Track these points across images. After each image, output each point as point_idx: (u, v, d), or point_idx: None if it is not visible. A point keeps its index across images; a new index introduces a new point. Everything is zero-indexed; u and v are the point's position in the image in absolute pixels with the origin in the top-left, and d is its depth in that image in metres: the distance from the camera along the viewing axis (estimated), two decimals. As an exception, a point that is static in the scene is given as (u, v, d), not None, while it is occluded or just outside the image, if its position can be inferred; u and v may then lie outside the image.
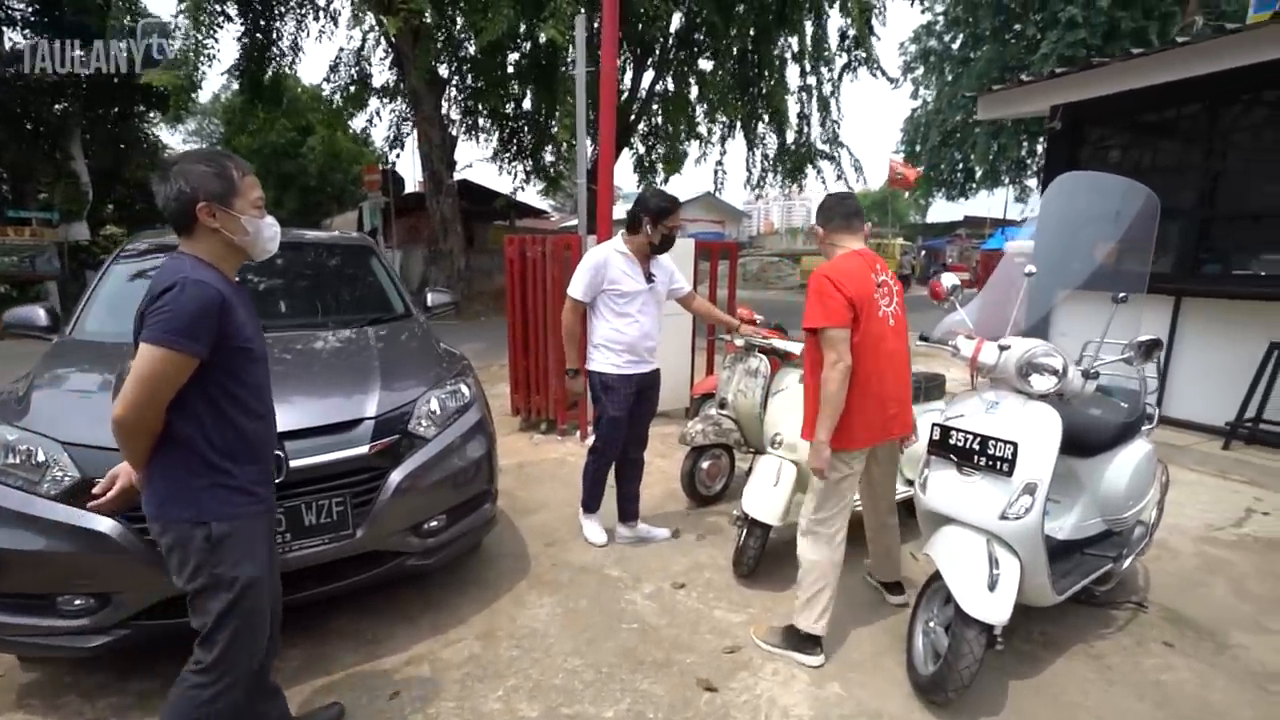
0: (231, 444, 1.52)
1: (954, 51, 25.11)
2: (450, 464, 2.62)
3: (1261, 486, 4.20)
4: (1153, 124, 5.40)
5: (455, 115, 16.20)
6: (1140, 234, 2.18)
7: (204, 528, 1.49)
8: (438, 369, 2.89)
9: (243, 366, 1.52)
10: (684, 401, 5.65)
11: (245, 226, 1.52)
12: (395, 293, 3.74)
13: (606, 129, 4.78)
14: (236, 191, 1.50)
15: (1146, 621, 2.63)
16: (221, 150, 1.62)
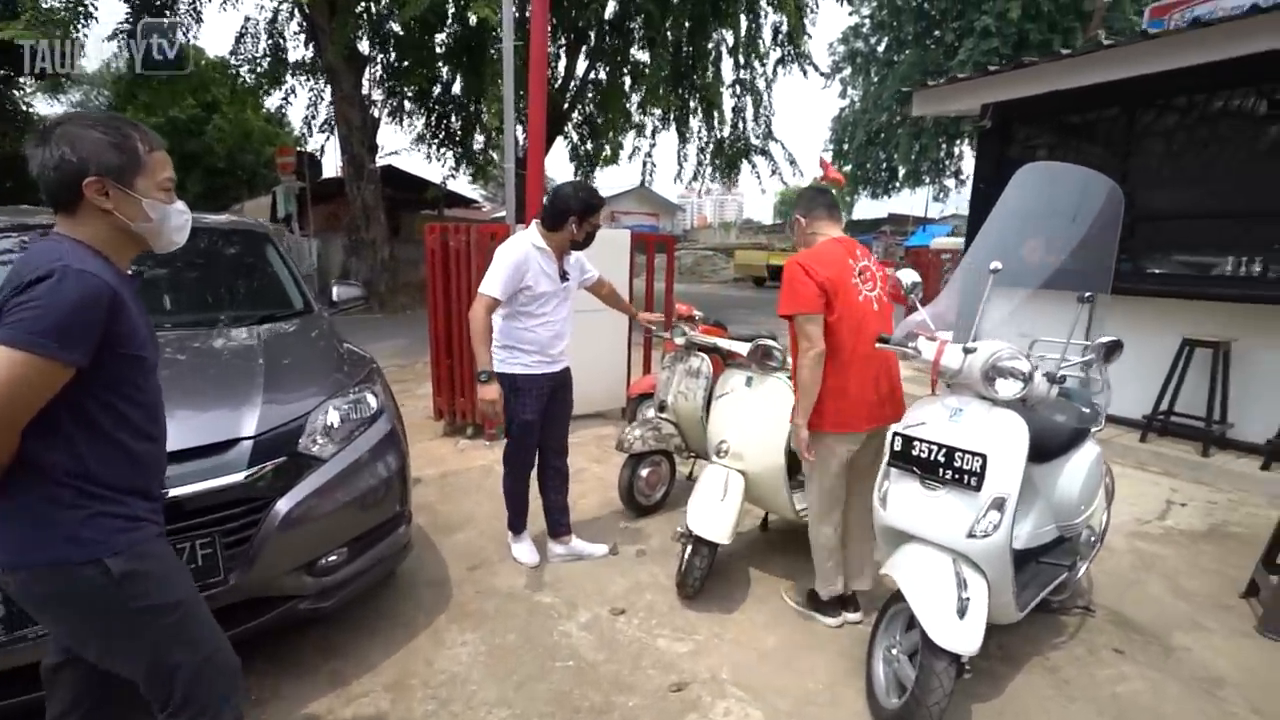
0: (115, 474, 1.23)
1: (879, 54, 25.90)
2: (352, 487, 2.26)
3: (1175, 477, 4.36)
4: (1076, 125, 5.55)
5: (378, 96, 15.29)
6: (1103, 229, 2.08)
7: (95, 566, 1.18)
8: (338, 375, 2.50)
9: (133, 380, 1.24)
10: (620, 402, 5.39)
11: (147, 212, 1.24)
12: (294, 286, 3.28)
13: (536, 113, 4.44)
14: (140, 168, 1.23)
15: (1095, 627, 2.58)
16: (124, 117, 1.29)
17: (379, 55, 14.49)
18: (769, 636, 2.51)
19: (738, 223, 51.87)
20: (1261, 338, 4.40)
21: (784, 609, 2.70)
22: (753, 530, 3.43)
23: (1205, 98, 4.72)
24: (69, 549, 1.17)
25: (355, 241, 14.73)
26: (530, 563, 3.03)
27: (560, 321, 2.84)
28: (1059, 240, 2.12)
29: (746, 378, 2.89)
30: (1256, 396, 4.38)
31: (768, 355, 2.83)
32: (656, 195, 37.53)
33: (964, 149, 26.30)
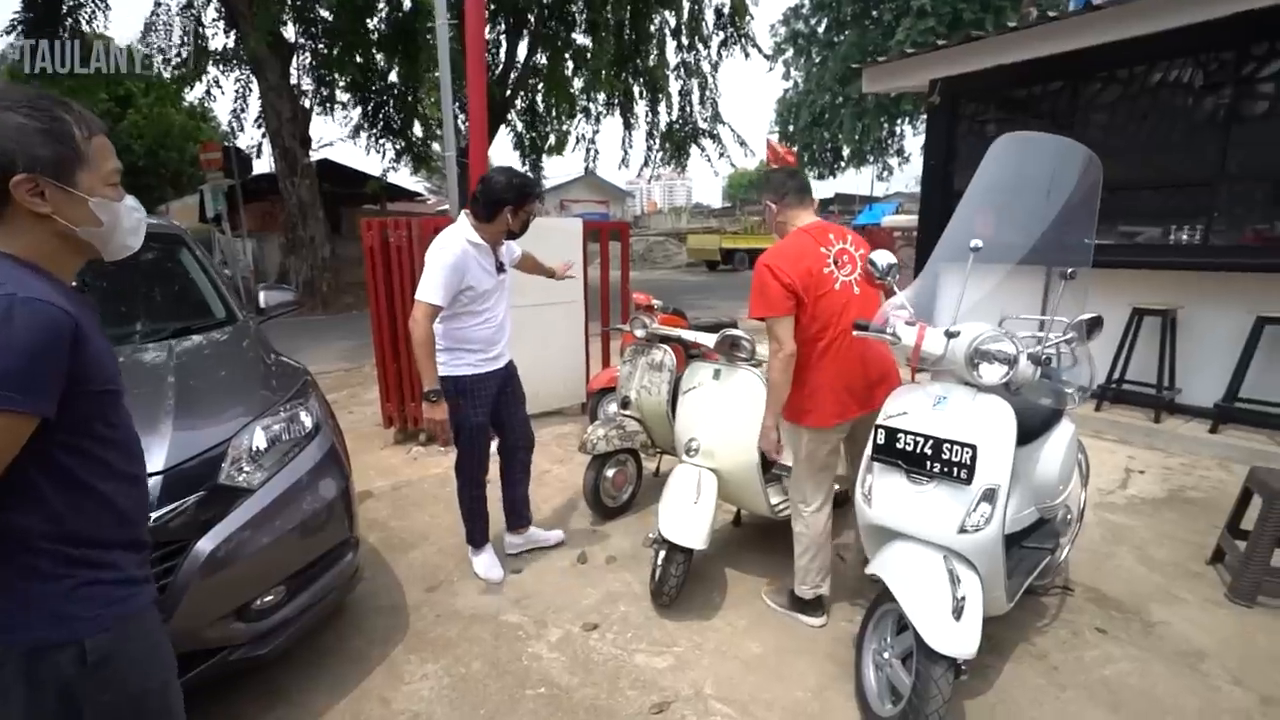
0: (98, 528, 1.04)
1: (819, 35, 26.07)
2: (288, 517, 2.02)
3: (1130, 444, 4.45)
4: (1023, 99, 5.58)
5: (308, 86, 14.49)
6: (1083, 201, 2.01)
7: (71, 649, 0.98)
8: (264, 391, 2.24)
9: (106, 416, 1.03)
10: (580, 397, 5.20)
11: (95, 213, 1.01)
12: (215, 293, 2.96)
13: (476, 100, 4.16)
14: (80, 159, 0.98)
15: (1075, 606, 2.55)
16: (51, 94, 1.01)
17: (307, 43, 13.72)
18: (751, 643, 2.39)
19: (688, 207, 51.89)
20: (1205, 304, 4.52)
21: (765, 611, 2.58)
22: (725, 525, 3.31)
23: (1145, 69, 4.78)
24: (49, 629, 0.98)
25: (293, 240, 14.01)
26: (494, 578, 2.85)
27: (501, 315, 2.72)
28: (1037, 214, 2.03)
29: (714, 370, 2.75)
30: (1203, 361, 4.50)
31: (735, 346, 2.68)
32: (605, 182, 37.17)
33: (905, 128, 26.87)
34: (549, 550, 3.10)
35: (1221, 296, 4.44)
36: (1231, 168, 4.46)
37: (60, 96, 1.01)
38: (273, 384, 2.31)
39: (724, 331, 2.73)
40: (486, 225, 2.58)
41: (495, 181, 2.55)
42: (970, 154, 5.92)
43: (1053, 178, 2.04)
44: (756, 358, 2.69)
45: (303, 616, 2.08)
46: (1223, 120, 4.45)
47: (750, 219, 28.39)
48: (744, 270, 24.14)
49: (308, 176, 13.57)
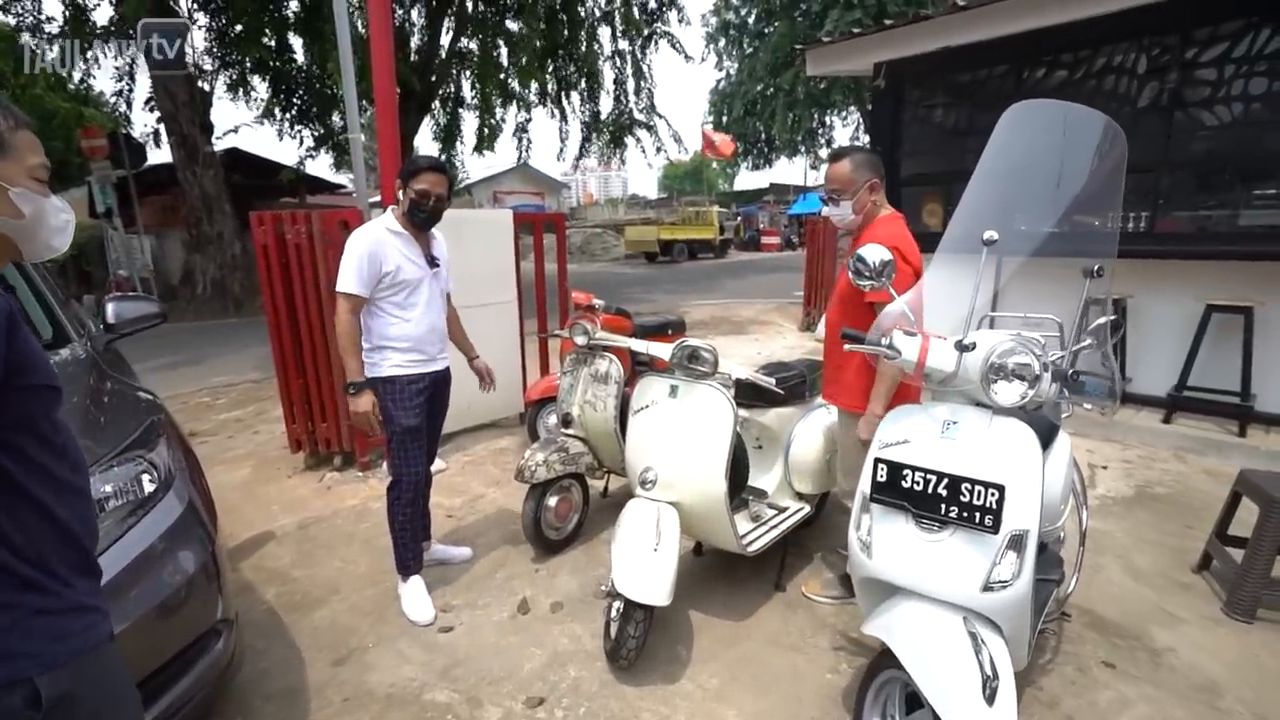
0: (46, 547, 0.92)
1: (750, 25, 26.07)
2: (122, 611, 1.51)
3: (1088, 436, 4.36)
4: (967, 84, 5.44)
5: (209, 66, 13.19)
6: (1106, 180, 1.73)
7: (22, 688, 0.87)
8: (88, 441, 1.70)
9: (45, 415, 0.93)
10: (517, 407, 4.73)
11: (17, 206, 0.94)
12: (40, 308, 2.35)
13: (383, 82, 3.59)
14: (3, 150, 0.93)
15: (1075, 635, 2.32)
16: None
17: (203, 18, 12.47)
18: (726, 709, 2.03)
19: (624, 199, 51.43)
20: (1152, 294, 4.47)
21: (741, 664, 2.23)
22: (685, 555, 2.93)
23: (1089, 54, 4.69)
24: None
25: (197, 237, 12.82)
26: (424, 620, 2.51)
27: (435, 313, 2.54)
28: (1051, 198, 1.73)
29: (670, 386, 2.36)
30: (1153, 351, 4.46)
31: (694, 358, 2.30)
32: (539, 173, 36.26)
33: (834, 120, 27.32)
34: (485, 599, 2.66)
35: (1168, 285, 4.41)
36: (1174, 154, 4.43)
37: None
38: (99, 430, 1.77)
39: (682, 341, 2.34)
40: (400, 211, 2.44)
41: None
42: (916, 140, 5.77)
43: (1065, 154, 1.75)
44: (720, 372, 2.32)
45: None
46: (1166, 105, 4.40)
47: (687, 210, 28.24)
48: (683, 261, 23.97)
49: (211, 166, 12.41)
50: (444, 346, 2.62)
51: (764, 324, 9.55)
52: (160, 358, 7.60)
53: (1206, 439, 4.03)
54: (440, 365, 2.58)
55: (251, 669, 2.24)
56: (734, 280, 16.88)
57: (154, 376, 6.89)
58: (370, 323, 2.43)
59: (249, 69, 13.32)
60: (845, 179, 2.19)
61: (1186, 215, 4.54)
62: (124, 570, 1.56)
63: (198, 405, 5.82)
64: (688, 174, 51.62)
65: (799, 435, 2.78)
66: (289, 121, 14.31)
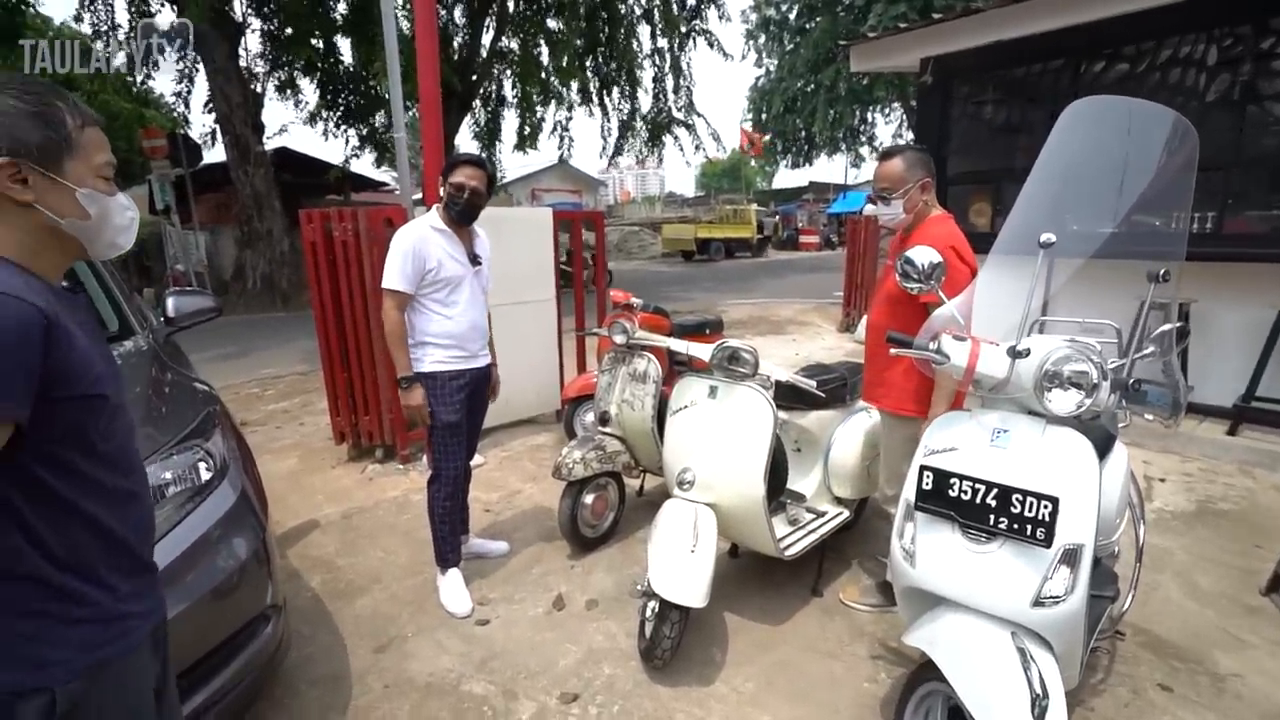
0: (86, 552, 0.94)
1: (791, 21, 25.69)
2: (180, 594, 1.57)
3: (1144, 447, 4.17)
4: (1020, 79, 5.25)
5: (260, 69, 13.66)
6: (1175, 179, 1.65)
7: (40, 696, 0.90)
8: (149, 429, 1.78)
9: (92, 426, 0.93)
10: (555, 404, 4.77)
11: (83, 205, 0.95)
12: (108, 301, 2.47)
13: (428, 82, 3.66)
14: (70, 147, 0.93)
15: (1129, 655, 2.22)
16: (45, 80, 0.98)
17: (257, 22, 12.91)
18: (761, 715, 2.01)
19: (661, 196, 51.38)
20: (1219, 298, 4.25)
21: (776, 669, 2.20)
22: (721, 557, 2.91)
23: (1154, 45, 4.48)
24: (21, 673, 0.91)
25: (248, 233, 13.29)
26: (461, 612, 2.56)
27: (476, 311, 2.56)
28: (1114, 196, 1.66)
29: (709, 387, 2.34)
30: (1219, 359, 4.24)
31: (735, 359, 2.28)
32: (577, 171, 36.44)
33: (876, 117, 26.73)
34: (521, 594, 2.69)
35: (1237, 289, 4.18)
36: (1246, 150, 4.19)
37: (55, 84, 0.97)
38: (160, 419, 1.85)
39: (722, 342, 2.32)
40: (443, 208, 2.47)
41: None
42: (963, 137, 5.60)
43: (1130, 152, 1.67)
44: (760, 373, 2.29)
45: (207, 715, 1.64)
46: (1238, 99, 4.17)
47: (725, 208, 28.03)
48: (720, 260, 23.82)
49: (262, 165, 12.84)
50: (485, 343, 2.64)
51: (802, 324, 9.42)
52: (213, 349, 7.90)
53: (1277, 453, 3.81)
54: (481, 362, 2.61)
55: (297, 654, 2.31)
56: (772, 279, 16.70)
57: (207, 367, 7.14)
58: (413, 319, 2.47)
59: (298, 71, 13.75)
60: (897, 177, 2.14)
61: (1258, 215, 4.30)
62: (181, 556, 1.62)
63: (247, 396, 6.03)
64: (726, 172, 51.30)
65: (839, 439, 2.73)
66: (334, 121, 14.72)
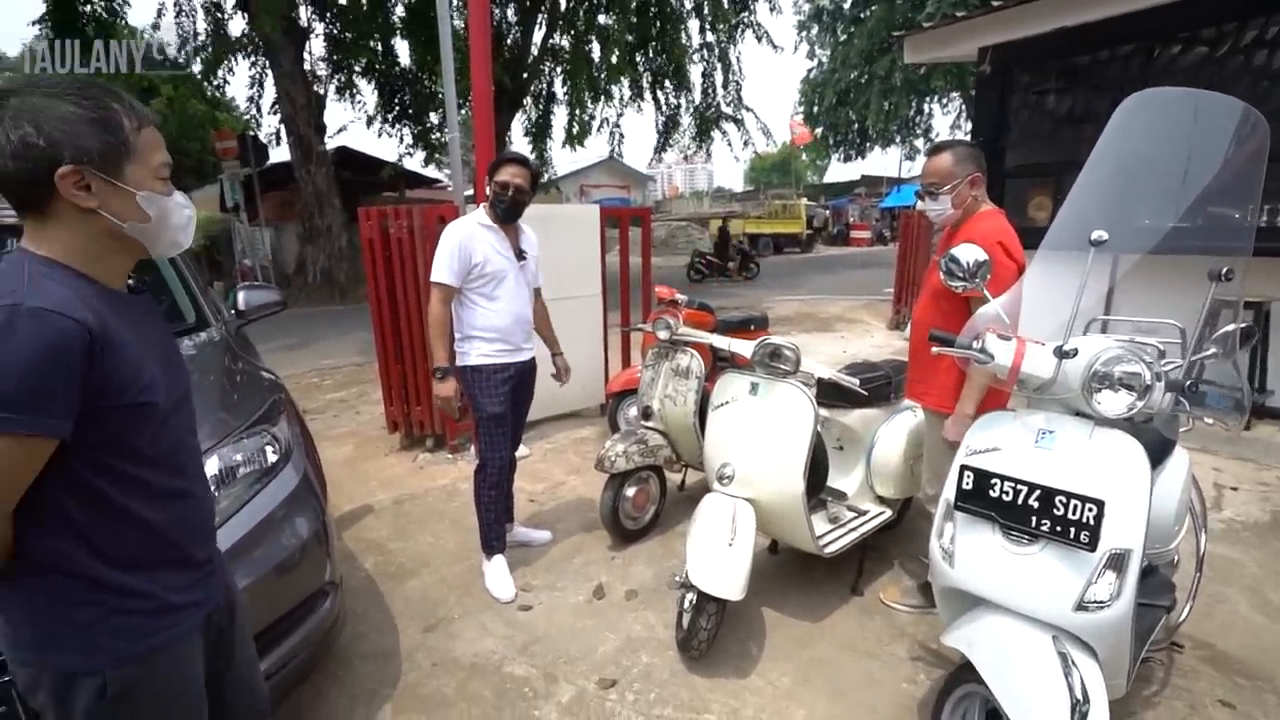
0: (134, 549, 1.01)
1: (845, 11, 25.07)
2: (249, 567, 1.69)
3: (1215, 454, 3.95)
4: (1087, 67, 5.02)
5: (323, 71, 14.24)
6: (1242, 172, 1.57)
7: (94, 679, 0.99)
8: (223, 414, 1.91)
9: (139, 432, 0.98)
10: (599, 398, 4.84)
11: (142, 207, 0.98)
12: (185, 295, 2.65)
13: (479, 75, 3.77)
14: (129, 151, 0.95)
15: (1188, 668, 2.13)
16: (102, 82, 0.99)
17: (321, 27, 13.44)
18: (797, 709, 2.02)
19: (710, 191, 51.01)
20: (1302, 295, 3.98)
21: (813, 666, 2.21)
22: (761, 553, 2.91)
23: (1236, 27, 4.21)
24: (81, 656, 0.99)
25: (310, 229, 13.87)
26: (505, 597, 2.64)
27: (521, 304, 2.63)
28: (1176, 190, 1.59)
29: (751, 383, 2.36)
30: (1300, 360, 3.98)
31: (776, 356, 2.29)
32: (626, 166, 36.52)
33: (933, 107, 25.86)
34: (563, 582, 2.76)
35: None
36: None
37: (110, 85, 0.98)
38: (232, 406, 1.98)
39: (764, 339, 2.33)
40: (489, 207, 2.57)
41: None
42: (1024, 129, 5.39)
43: (1194, 144, 1.60)
44: (801, 371, 2.29)
45: (268, 683, 1.76)
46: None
47: (774, 203, 27.65)
48: (768, 256, 23.53)
49: (323, 164, 13.37)
50: (530, 337, 2.70)
51: (851, 321, 9.25)
52: (276, 340, 8.30)
53: (1364, 462, 3.56)
54: (525, 356, 2.68)
55: (351, 631, 2.44)
56: (821, 275, 16.42)
57: (271, 357, 7.50)
58: (460, 313, 2.56)
59: (357, 73, 14.27)
60: (945, 172, 2.10)
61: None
62: (248, 533, 1.74)
63: (307, 385, 6.33)
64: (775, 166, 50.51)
65: (883, 437, 2.70)
66: (389, 121, 15.21)
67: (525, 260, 2.65)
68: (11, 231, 1.98)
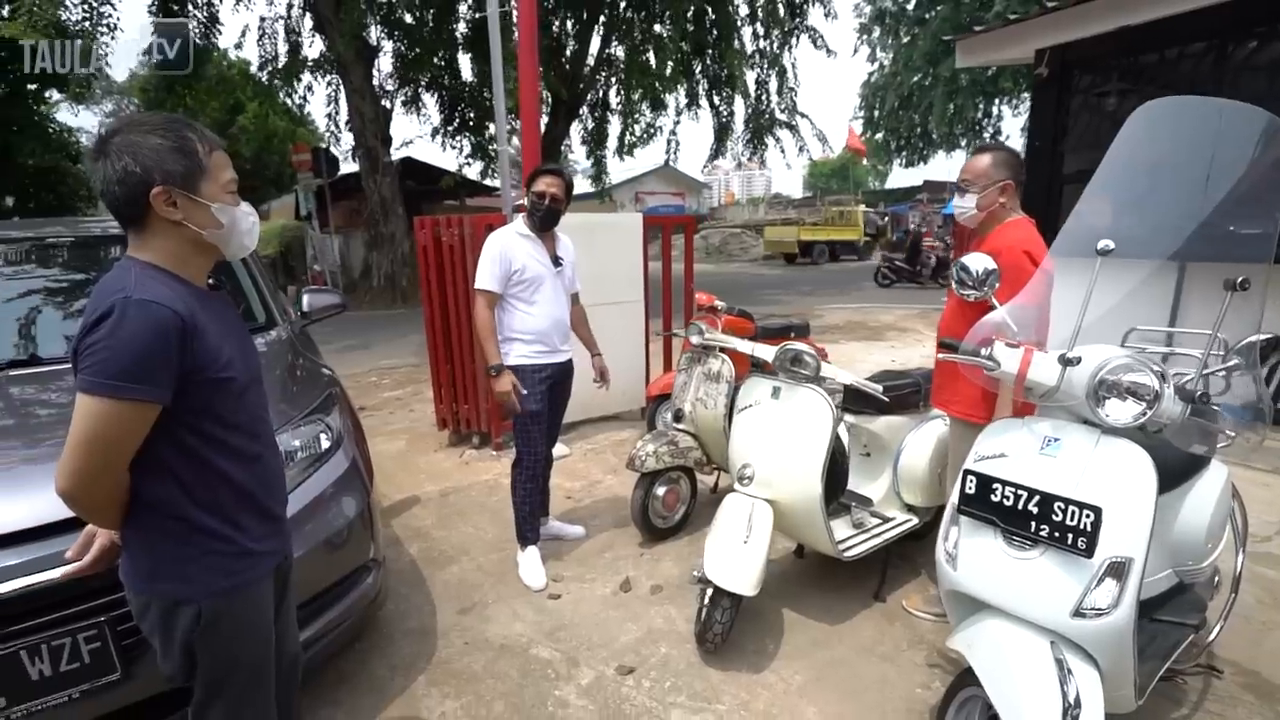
0: (221, 498, 1.24)
1: (909, 12, 24.49)
2: (301, 540, 1.87)
3: (1264, 469, 3.71)
4: (1153, 66, 4.82)
5: (390, 86, 14.99)
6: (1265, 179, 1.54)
7: (192, 607, 1.22)
8: (283, 405, 2.12)
9: (222, 402, 1.22)
10: (640, 402, 4.95)
11: (216, 217, 1.20)
12: (258, 297, 2.91)
13: (528, 93, 3.96)
14: (203, 171, 1.17)
15: (1226, 694, 2.05)
16: (179, 117, 1.21)
17: (389, 44, 14.17)
18: (808, 706, 2.06)
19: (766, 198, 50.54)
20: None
21: (829, 666, 2.24)
22: (785, 555, 2.97)
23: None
24: (182, 587, 1.21)
25: (375, 236, 14.57)
26: (536, 586, 2.78)
27: (558, 308, 2.77)
28: (1194, 198, 1.57)
29: (773, 388, 2.42)
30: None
31: (797, 361, 2.34)
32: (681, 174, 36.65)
33: (1003, 108, 24.89)
34: (592, 574, 2.88)
35: None
36: None
37: (186, 118, 1.19)
38: (292, 397, 2.19)
39: (784, 345, 2.39)
40: (527, 216, 2.72)
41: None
42: (1084, 132, 5.21)
43: (1215, 152, 1.58)
44: (823, 376, 2.33)
45: (315, 646, 1.95)
46: None
47: (831, 209, 27.18)
48: (824, 263, 23.17)
49: (388, 174, 14.04)
50: (567, 339, 2.85)
51: (903, 330, 9.05)
52: (340, 341, 8.82)
53: None
54: (562, 357, 2.82)
55: (394, 609, 2.63)
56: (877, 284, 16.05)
57: (337, 357, 8.02)
58: (502, 316, 2.71)
59: (422, 86, 14.94)
60: (979, 172, 2.12)
61: None
62: (303, 509, 1.93)
63: (367, 384, 6.71)
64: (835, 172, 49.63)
65: (910, 445, 2.70)
66: (450, 133, 15.84)
67: (561, 266, 2.79)
68: (118, 240, 2.24)
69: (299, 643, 1.61)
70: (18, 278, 2.70)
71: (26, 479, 1.65)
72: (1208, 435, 1.75)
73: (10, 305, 2.55)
